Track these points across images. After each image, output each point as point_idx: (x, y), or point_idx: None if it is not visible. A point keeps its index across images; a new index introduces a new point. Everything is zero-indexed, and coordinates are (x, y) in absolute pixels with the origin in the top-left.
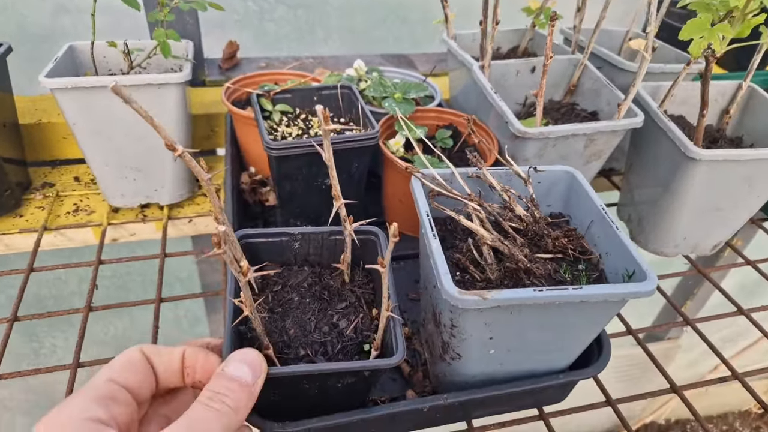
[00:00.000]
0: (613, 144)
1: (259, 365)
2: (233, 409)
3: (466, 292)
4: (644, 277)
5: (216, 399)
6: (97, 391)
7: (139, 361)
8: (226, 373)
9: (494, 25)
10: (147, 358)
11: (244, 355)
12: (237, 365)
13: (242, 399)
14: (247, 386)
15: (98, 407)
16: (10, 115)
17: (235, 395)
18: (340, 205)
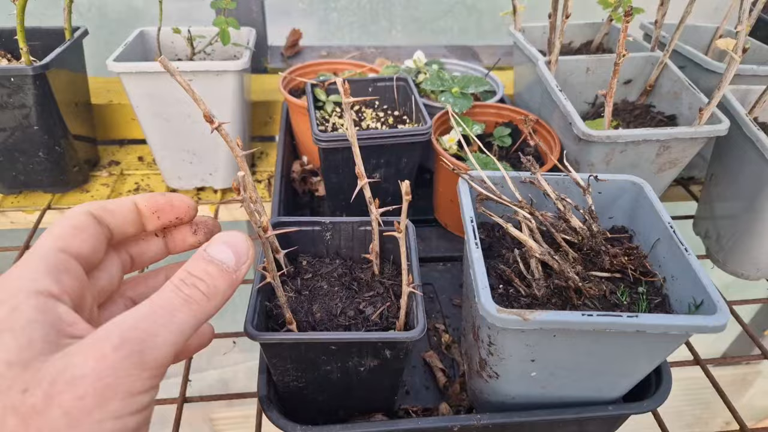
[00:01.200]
0: (691, 153)
1: (245, 250)
2: (207, 295)
3: (504, 311)
4: (714, 309)
5: (188, 283)
6: (47, 261)
7: (88, 226)
8: (206, 254)
9: (564, 19)
10: (95, 217)
11: (230, 237)
12: (220, 247)
13: (219, 286)
14: (227, 272)
15: (49, 280)
16: (83, 95)
17: (212, 281)
18: (363, 184)
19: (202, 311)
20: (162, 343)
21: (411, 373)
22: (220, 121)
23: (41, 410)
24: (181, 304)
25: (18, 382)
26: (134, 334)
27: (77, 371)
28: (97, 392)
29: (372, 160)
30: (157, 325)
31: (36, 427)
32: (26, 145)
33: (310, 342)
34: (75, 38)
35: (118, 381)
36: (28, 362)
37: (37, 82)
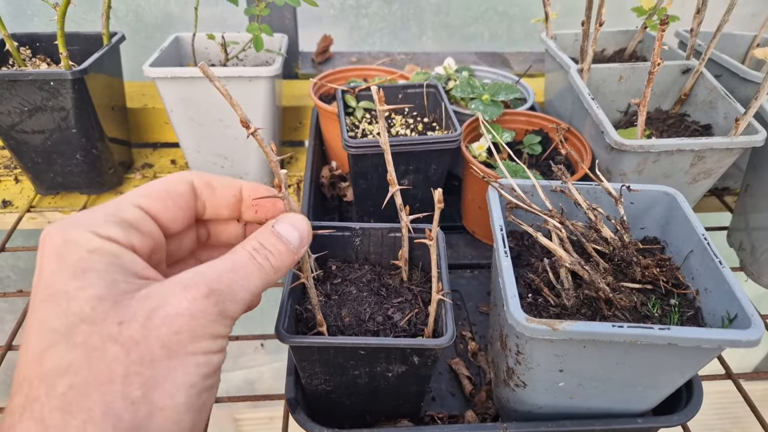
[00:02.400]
0: (726, 163)
1: (306, 234)
2: (275, 268)
3: (534, 320)
4: (748, 323)
5: (262, 253)
6: (119, 213)
7: (182, 195)
8: (276, 230)
9: (598, 26)
10: (195, 191)
11: (297, 220)
12: (288, 227)
13: (284, 262)
14: (291, 252)
15: (117, 230)
16: (119, 99)
17: (280, 257)
18: (395, 191)
19: (269, 281)
20: (239, 300)
21: (437, 380)
22: (255, 126)
23: (140, 340)
24: (255, 271)
25: (112, 315)
26: (220, 286)
27: (172, 309)
28: (190, 329)
29: (401, 166)
30: (237, 284)
31: (137, 355)
32: (64, 147)
33: (340, 346)
34: (112, 43)
35: (207, 323)
36: (116, 298)
37: (76, 86)
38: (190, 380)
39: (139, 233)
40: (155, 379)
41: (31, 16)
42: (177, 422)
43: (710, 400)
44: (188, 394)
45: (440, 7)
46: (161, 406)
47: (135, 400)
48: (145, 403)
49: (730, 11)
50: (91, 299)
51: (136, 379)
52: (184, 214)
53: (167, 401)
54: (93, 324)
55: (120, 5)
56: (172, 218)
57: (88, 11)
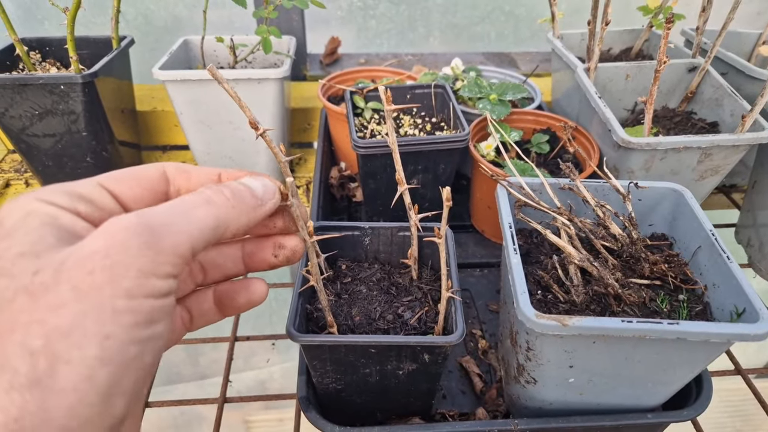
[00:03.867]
0: (732, 160)
1: (271, 187)
2: (230, 201)
3: (543, 316)
4: (756, 317)
5: (212, 188)
6: (73, 187)
7: (149, 178)
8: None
9: (604, 26)
10: (167, 176)
11: (257, 175)
12: (248, 178)
13: (245, 200)
14: (254, 196)
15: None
16: (129, 102)
17: (238, 194)
18: (404, 190)
19: (223, 214)
20: (178, 231)
21: (448, 378)
22: (264, 127)
23: (49, 286)
24: (201, 203)
25: (29, 267)
26: (148, 219)
27: (87, 249)
28: (106, 268)
29: (410, 166)
30: (173, 215)
31: (44, 303)
32: (74, 150)
33: (351, 344)
34: (122, 47)
35: (129, 259)
36: (40, 253)
37: (86, 89)
38: (104, 330)
39: (90, 204)
40: (60, 328)
41: (41, 20)
42: (88, 378)
43: (720, 397)
44: (102, 345)
45: (447, 8)
46: (66, 359)
47: (34, 350)
48: (46, 355)
49: (735, 9)
50: (13, 256)
51: (37, 328)
52: (150, 195)
53: (74, 353)
54: (10, 278)
55: (129, 9)
56: (134, 198)
57: (97, 15)
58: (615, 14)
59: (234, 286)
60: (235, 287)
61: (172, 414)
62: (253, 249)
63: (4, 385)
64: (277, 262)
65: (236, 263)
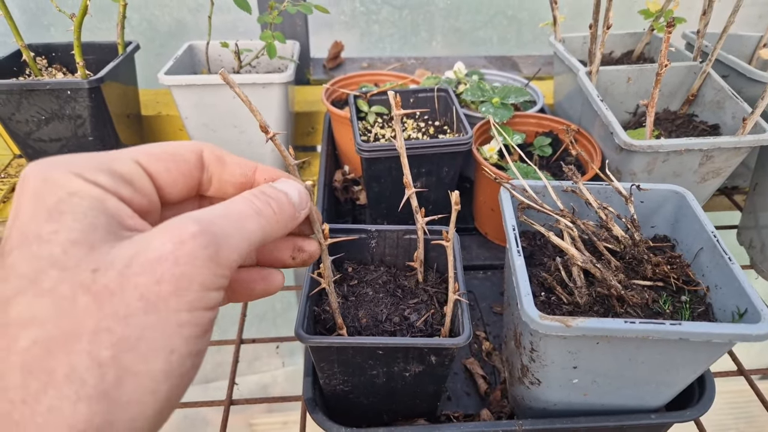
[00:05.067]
0: (734, 162)
1: (305, 196)
2: (276, 214)
3: (547, 317)
4: (758, 317)
5: (261, 198)
6: (111, 163)
7: (187, 162)
8: (275, 186)
9: (605, 29)
10: (204, 161)
11: (294, 181)
12: (287, 184)
13: (286, 212)
14: (293, 205)
15: (104, 175)
16: (134, 107)
17: (281, 205)
18: (411, 194)
19: (270, 228)
20: (234, 245)
21: (452, 380)
22: (274, 131)
23: (115, 291)
24: (253, 214)
25: (86, 261)
26: (210, 228)
27: (154, 254)
28: (174, 278)
29: (413, 169)
30: (231, 227)
31: (111, 309)
32: None
33: (358, 346)
34: (127, 52)
35: (195, 271)
36: (94, 244)
37: (93, 94)
38: (170, 343)
39: (131, 187)
40: (129, 339)
41: (47, 26)
42: (152, 392)
43: (725, 399)
44: (168, 360)
45: (450, 12)
46: (134, 372)
47: (103, 362)
48: (114, 367)
49: (735, 13)
50: (64, 243)
51: (106, 337)
52: (186, 181)
53: (141, 366)
54: (64, 269)
55: (133, 15)
56: (171, 182)
57: (102, 21)
58: (617, 18)
59: (252, 274)
60: (253, 275)
61: (176, 417)
62: (271, 248)
63: (71, 396)
64: (292, 264)
65: (250, 258)
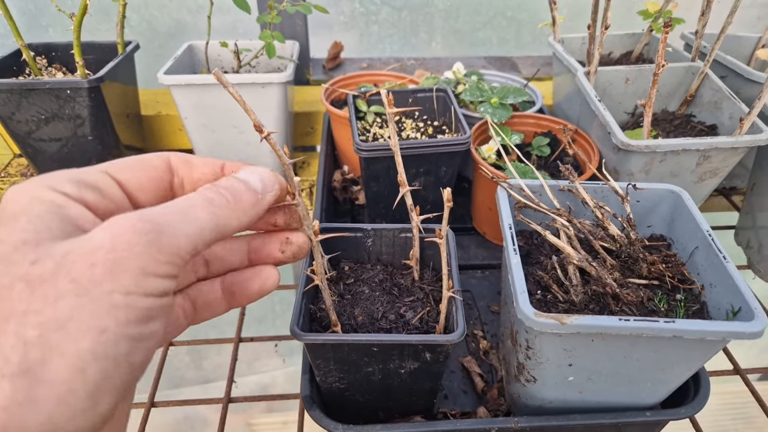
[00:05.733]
0: (731, 162)
1: (270, 180)
2: (230, 202)
3: (542, 315)
4: (751, 315)
5: (213, 189)
6: (80, 174)
7: (155, 167)
8: (233, 175)
9: (603, 30)
10: (171, 166)
11: (256, 168)
12: (246, 172)
13: (245, 200)
14: (253, 191)
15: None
16: (133, 107)
17: (238, 194)
18: (405, 192)
19: (223, 216)
20: (180, 232)
21: (449, 378)
22: (269, 130)
23: (48, 278)
24: (203, 203)
25: (29, 256)
26: (152, 217)
27: (92, 244)
28: (108, 262)
29: (412, 169)
30: (176, 216)
31: (41, 293)
32: (79, 154)
33: (354, 343)
34: (127, 52)
35: (132, 256)
36: (41, 241)
37: (92, 94)
38: (100, 323)
39: (97, 193)
40: (57, 320)
41: (45, 27)
42: (80, 371)
43: (723, 399)
44: (96, 339)
45: (449, 13)
46: (61, 351)
47: (28, 340)
48: (40, 345)
49: (733, 14)
50: (15, 242)
51: (33, 318)
52: (155, 185)
53: (69, 345)
54: (9, 264)
55: (133, 15)
56: (140, 187)
57: (102, 22)
58: (616, 18)
59: (245, 273)
60: (246, 275)
61: (176, 418)
62: (260, 244)
63: None
64: (283, 258)
65: (241, 258)
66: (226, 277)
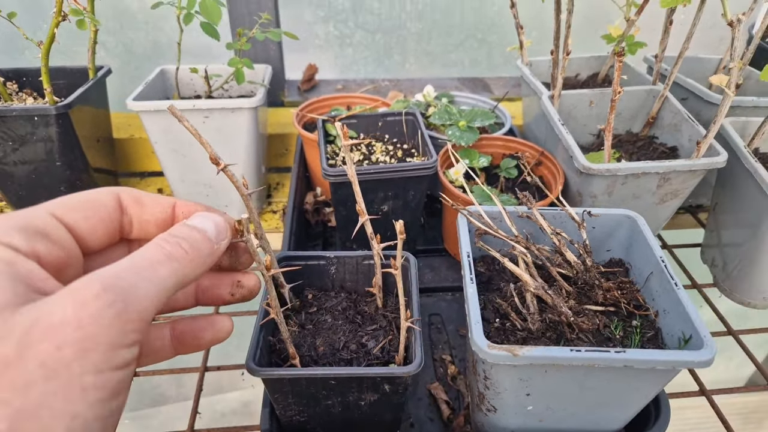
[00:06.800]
0: (691, 184)
1: (223, 227)
2: (189, 255)
3: (495, 346)
4: (701, 344)
5: (171, 241)
6: (28, 219)
7: (105, 206)
8: (188, 223)
9: (565, 56)
10: (122, 204)
11: (209, 214)
12: (201, 219)
13: (202, 249)
14: (209, 240)
15: (20, 236)
16: (105, 131)
17: (195, 243)
18: (365, 221)
19: (183, 271)
20: (144, 296)
21: (416, 406)
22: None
23: (14, 361)
24: (163, 259)
25: None
26: (116, 283)
27: (55, 318)
28: (77, 342)
29: (380, 192)
30: (139, 277)
31: (9, 380)
32: (48, 179)
33: (311, 377)
34: (98, 77)
35: (100, 331)
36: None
37: (60, 120)
38: (73, 409)
39: (48, 241)
40: (27, 410)
41: (22, 49)
42: None
43: (690, 419)
44: (69, 426)
45: (421, 36)
46: None
47: None
48: None
49: (689, 39)
50: None
51: (2, 411)
52: (106, 226)
53: None
54: None
55: (109, 38)
56: (90, 229)
57: (77, 43)
58: (584, 40)
59: (198, 322)
60: (199, 324)
61: None
62: (209, 285)
63: None
64: (232, 300)
65: (188, 298)
66: (177, 325)
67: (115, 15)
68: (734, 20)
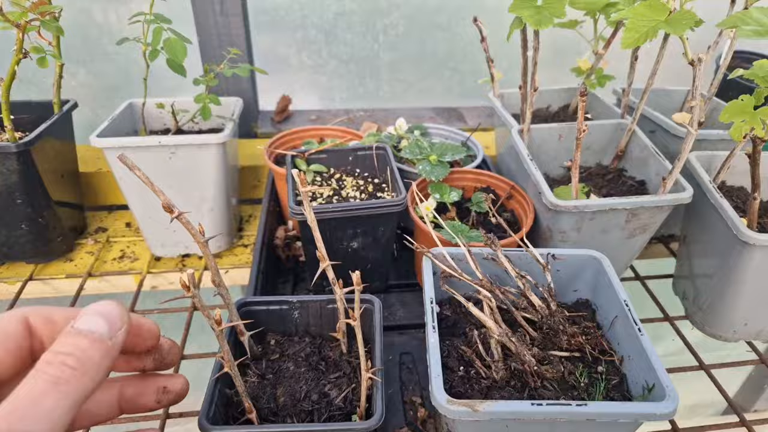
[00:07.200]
0: (659, 218)
1: (117, 316)
2: (78, 370)
3: (455, 402)
4: (663, 395)
5: (54, 363)
6: None
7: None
8: (73, 329)
9: (533, 91)
10: (31, 328)
11: (99, 307)
12: (88, 318)
13: (93, 357)
14: (100, 341)
15: None
16: (70, 165)
17: (83, 354)
18: (326, 266)
19: (75, 389)
20: None
21: None
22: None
23: None
24: (47, 389)
25: None
26: None
27: None
28: None
29: (349, 230)
30: (22, 422)
31: None
32: (8, 217)
33: None
34: (63, 112)
35: None
36: None
37: (21, 158)
38: None
39: None
40: None
41: None
42: None
43: None
44: None
45: (394, 66)
46: None
47: None
48: None
49: (654, 75)
50: None
51: None
52: (13, 356)
53: None
54: None
55: (80, 69)
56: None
57: (48, 74)
58: (558, 70)
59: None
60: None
61: None
62: (134, 394)
63: None
64: (159, 407)
65: (111, 410)
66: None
67: (85, 46)
68: (695, 59)
